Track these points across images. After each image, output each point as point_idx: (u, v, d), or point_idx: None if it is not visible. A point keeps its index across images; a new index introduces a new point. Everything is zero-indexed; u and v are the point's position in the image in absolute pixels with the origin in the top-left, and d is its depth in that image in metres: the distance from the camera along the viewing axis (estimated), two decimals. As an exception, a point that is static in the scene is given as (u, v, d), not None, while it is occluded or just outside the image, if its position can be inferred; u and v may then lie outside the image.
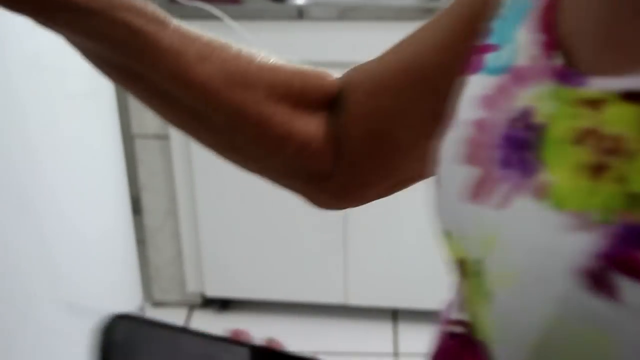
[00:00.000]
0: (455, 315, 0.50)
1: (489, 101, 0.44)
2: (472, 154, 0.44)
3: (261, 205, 1.99)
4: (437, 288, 1.15)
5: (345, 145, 0.59)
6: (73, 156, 1.57)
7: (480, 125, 0.45)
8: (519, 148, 0.41)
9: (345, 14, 1.74)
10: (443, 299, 0.54)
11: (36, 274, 1.43)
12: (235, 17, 1.73)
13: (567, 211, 0.37)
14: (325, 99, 0.59)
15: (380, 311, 2.18)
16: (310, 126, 0.58)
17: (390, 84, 0.57)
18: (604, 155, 0.36)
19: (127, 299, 1.95)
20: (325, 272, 2.09)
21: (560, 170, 0.38)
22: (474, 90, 0.46)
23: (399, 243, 2.02)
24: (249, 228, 2.05)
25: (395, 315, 2.18)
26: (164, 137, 1.98)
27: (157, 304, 2.24)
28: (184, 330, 0.49)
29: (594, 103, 0.37)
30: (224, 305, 2.24)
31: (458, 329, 0.49)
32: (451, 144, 0.47)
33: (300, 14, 1.75)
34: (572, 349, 0.36)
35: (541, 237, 0.38)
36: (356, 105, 0.59)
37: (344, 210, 0.67)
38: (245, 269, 2.12)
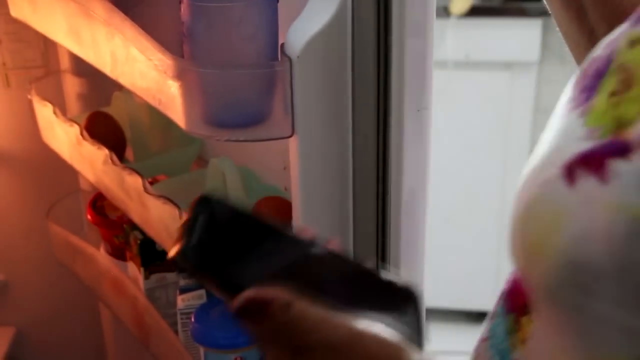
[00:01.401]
0: None
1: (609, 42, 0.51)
2: (576, 81, 0.52)
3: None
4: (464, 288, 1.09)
5: None
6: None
7: (592, 59, 0.52)
8: (597, 78, 0.48)
9: None
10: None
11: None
12: None
13: (587, 127, 0.46)
14: None
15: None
16: None
17: None
18: (619, 84, 0.45)
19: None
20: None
21: (600, 97, 0.47)
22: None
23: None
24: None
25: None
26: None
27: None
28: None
29: (632, 42, 0.46)
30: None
31: None
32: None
33: None
34: (537, 224, 0.45)
35: (567, 141, 0.47)
36: None
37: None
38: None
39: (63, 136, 1.21)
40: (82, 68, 1.36)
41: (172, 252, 0.49)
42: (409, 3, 0.80)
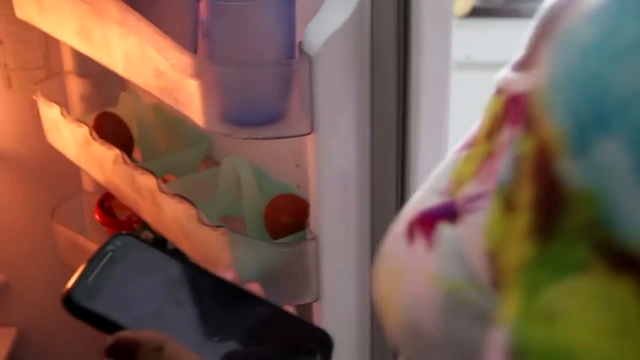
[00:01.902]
0: None
1: None
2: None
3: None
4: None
5: None
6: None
7: None
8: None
9: None
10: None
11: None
12: None
13: (449, 178, 0.44)
14: None
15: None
16: None
17: None
18: (472, 138, 0.44)
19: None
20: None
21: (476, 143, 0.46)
22: None
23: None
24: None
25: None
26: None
27: None
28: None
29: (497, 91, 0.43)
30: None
31: None
32: None
33: None
34: (384, 277, 0.44)
35: (429, 192, 0.45)
36: None
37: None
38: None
39: (70, 137, 1.20)
40: (85, 69, 1.36)
41: (65, 289, 0.50)
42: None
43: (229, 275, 0.53)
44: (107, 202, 1.23)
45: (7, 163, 1.53)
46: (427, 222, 0.41)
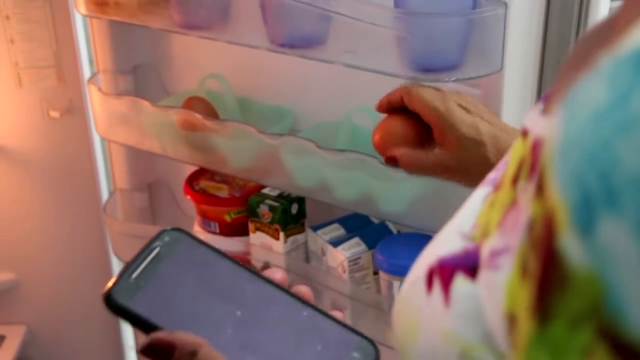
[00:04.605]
0: None
1: None
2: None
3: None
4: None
5: None
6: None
7: None
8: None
9: None
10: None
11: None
12: None
13: (475, 221, 0.43)
14: None
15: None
16: None
17: None
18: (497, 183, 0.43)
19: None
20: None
21: (504, 181, 0.44)
22: None
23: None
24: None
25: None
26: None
27: None
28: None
29: (525, 132, 0.42)
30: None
31: None
32: None
33: None
34: (403, 320, 0.44)
35: (452, 233, 0.43)
36: None
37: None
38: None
39: (152, 125, 1.19)
40: (123, 66, 1.35)
41: (106, 286, 0.50)
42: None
43: (277, 275, 0.53)
44: (196, 184, 1.23)
45: (17, 161, 1.48)
46: (445, 271, 0.40)
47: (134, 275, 0.49)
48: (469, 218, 0.42)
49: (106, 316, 0.49)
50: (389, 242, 1.04)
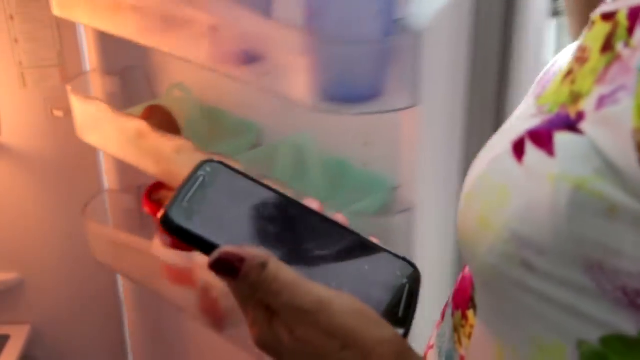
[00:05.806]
0: None
1: None
2: (538, 80, 0.54)
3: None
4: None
5: None
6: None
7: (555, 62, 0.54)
8: (555, 74, 0.50)
9: None
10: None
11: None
12: None
13: (537, 105, 0.48)
14: None
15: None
16: None
17: None
18: (574, 64, 0.46)
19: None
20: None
21: (553, 80, 0.49)
22: None
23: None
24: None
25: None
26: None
27: None
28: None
29: (592, 23, 0.46)
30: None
31: None
32: None
33: None
34: (484, 198, 0.46)
35: (518, 121, 0.49)
36: None
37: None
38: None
39: (114, 132, 1.19)
40: (110, 67, 1.36)
41: (161, 211, 0.50)
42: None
43: (314, 205, 0.54)
44: (155, 195, 1.22)
45: (21, 161, 1.51)
46: (542, 136, 0.43)
47: (185, 200, 0.50)
48: (533, 105, 0.48)
49: (110, 315, 0.49)
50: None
